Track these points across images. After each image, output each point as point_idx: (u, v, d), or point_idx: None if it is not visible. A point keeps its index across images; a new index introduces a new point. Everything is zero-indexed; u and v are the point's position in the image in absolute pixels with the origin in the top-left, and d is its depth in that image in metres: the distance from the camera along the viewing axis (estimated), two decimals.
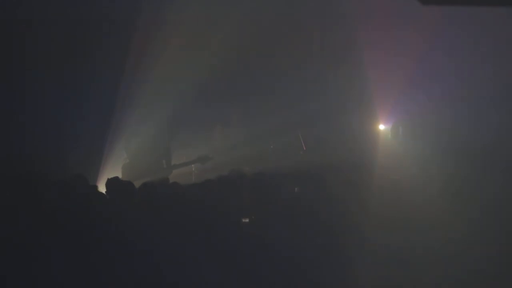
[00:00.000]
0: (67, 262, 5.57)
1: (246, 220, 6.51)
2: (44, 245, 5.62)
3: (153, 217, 6.10)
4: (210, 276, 5.71)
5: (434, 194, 6.94)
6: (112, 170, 10.66)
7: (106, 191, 6.60)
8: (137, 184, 6.82)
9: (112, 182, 6.70)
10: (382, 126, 11.59)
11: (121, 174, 10.81)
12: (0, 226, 5.73)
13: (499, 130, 9.98)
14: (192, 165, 11.15)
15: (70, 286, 5.55)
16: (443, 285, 6.13)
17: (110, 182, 6.71)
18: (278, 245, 6.04)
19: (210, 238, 5.98)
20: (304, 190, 7.01)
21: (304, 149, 11.44)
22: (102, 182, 7.85)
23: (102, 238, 6.00)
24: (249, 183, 6.86)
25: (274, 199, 6.55)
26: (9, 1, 10.43)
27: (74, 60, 10.66)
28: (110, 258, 5.78)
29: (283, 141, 11.62)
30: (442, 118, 10.61)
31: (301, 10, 11.11)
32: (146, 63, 10.89)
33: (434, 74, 10.93)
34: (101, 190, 6.79)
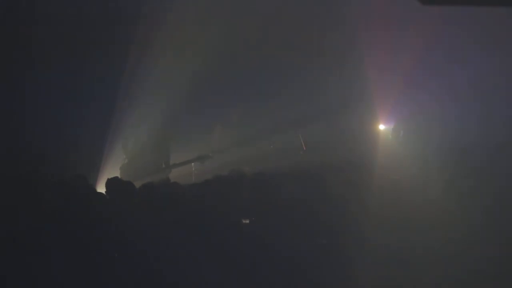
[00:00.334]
0: (67, 262, 5.56)
1: (246, 220, 6.51)
2: (44, 245, 5.62)
3: (153, 217, 6.10)
4: (210, 276, 5.70)
5: (434, 194, 6.93)
6: (112, 170, 10.67)
7: (106, 191, 6.60)
8: (137, 184, 6.82)
9: (112, 182, 6.71)
10: (382, 126, 11.60)
11: (121, 174, 10.81)
12: (0, 226, 5.73)
13: (500, 130, 9.98)
14: (192, 164, 11.14)
15: (70, 286, 5.54)
16: (443, 285, 6.13)
17: (110, 182, 6.72)
18: (278, 245, 6.03)
19: (210, 238, 5.97)
20: (304, 190, 7.00)
21: (304, 149, 11.43)
22: (102, 182, 7.85)
23: (102, 238, 6.00)
24: (249, 183, 6.86)
25: (274, 199, 6.55)
26: (9, 1, 10.43)
27: (74, 60, 10.67)
28: (110, 258, 5.79)
29: (283, 141, 11.62)
30: (442, 118, 10.61)
31: (301, 11, 11.10)
32: (146, 63, 10.90)
33: (434, 74, 10.93)
34: (101, 190, 6.79)
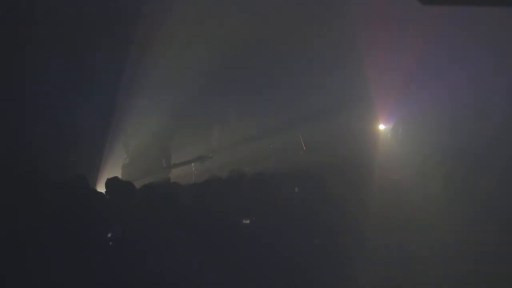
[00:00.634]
0: (67, 262, 5.56)
1: (246, 220, 6.51)
2: (44, 245, 5.62)
3: (153, 217, 6.10)
4: (210, 276, 5.70)
5: (434, 194, 6.93)
6: (112, 170, 10.66)
7: (106, 191, 6.60)
8: (137, 184, 6.82)
9: (112, 182, 6.71)
10: (382, 126, 11.60)
11: (121, 174, 10.81)
12: (0, 226, 5.72)
13: (499, 130, 9.98)
14: (192, 164, 11.15)
15: (70, 286, 5.54)
16: (443, 285, 6.13)
17: (109, 182, 6.72)
18: (278, 245, 6.03)
19: (210, 238, 5.97)
20: (304, 190, 7.00)
21: (304, 149, 11.43)
22: (102, 182, 7.85)
23: (102, 238, 6.01)
24: (249, 183, 6.86)
25: (274, 199, 6.55)
26: (9, 1, 10.43)
27: (74, 60, 10.66)
28: (110, 258, 5.79)
29: (283, 141, 11.62)
30: (442, 118, 10.62)
31: (301, 10, 11.10)
32: (146, 63, 10.90)
33: (434, 74, 10.93)
34: (101, 190, 6.79)
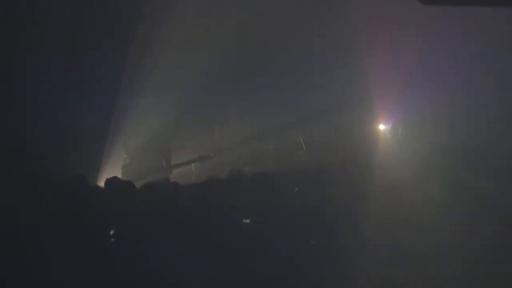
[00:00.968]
0: (67, 262, 5.56)
1: (246, 220, 6.51)
2: (44, 245, 5.62)
3: (153, 217, 6.10)
4: (210, 276, 5.70)
5: (434, 194, 6.94)
6: (112, 170, 10.65)
7: (106, 191, 6.59)
8: (137, 184, 6.82)
9: (111, 182, 6.71)
10: (382, 126, 11.59)
11: (121, 174, 10.81)
12: (0, 226, 5.72)
13: (499, 130, 9.98)
14: (192, 164, 11.14)
15: (70, 286, 5.54)
16: (443, 285, 6.13)
17: (109, 182, 6.71)
18: (278, 245, 6.03)
19: (210, 238, 5.98)
20: (304, 190, 7.00)
21: (304, 149, 11.43)
22: (102, 182, 7.84)
23: (102, 238, 6.01)
24: (249, 183, 6.86)
25: (274, 199, 6.55)
26: (9, 1, 10.43)
27: (74, 60, 10.66)
28: (110, 258, 5.78)
29: (283, 141, 11.62)
30: (441, 118, 10.62)
31: (301, 10, 11.10)
32: (146, 63, 10.89)
33: (434, 74, 10.93)
34: (101, 190, 6.79)
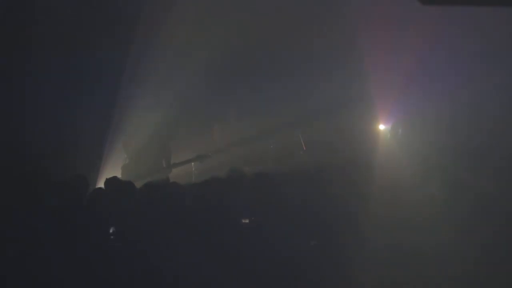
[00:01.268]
0: (67, 262, 5.56)
1: (246, 220, 6.51)
2: (44, 245, 5.62)
3: (153, 217, 6.10)
4: (210, 275, 5.70)
5: (434, 194, 6.94)
6: (112, 170, 10.64)
7: (106, 191, 6.59)
8: (137, 184, 6.82)
9: (111, 182, 6.70)
10: (382, 126, 11.59)
11: (121, 174, 10.80)
12: (0, 226, 5.73)
13: (499, 130, 9.98)
14: (192, 164, 11.13)
15: (70, 286, 5.55)
16: (443, 285, 6.13)
17: (109, 182, 6.71)
18: (278, 245, 6.04)
19: (210, 238, 5.98)
20: (304, 190, 7.00)
21: (304, 149, 11.42)
22: (102, 182, 7.84)
23: (102, 238, 6.01)
24: (249, 183, 6.86)
25: (274, 199, 6.55)
26: (9, 1, 10.43)
27: (74, 60, 10.66)
28: (110, 258, 5.79)
29: (283, 141, 11.61)
30: (442, 118, 10.61)
31: (301, 10, 11.10)
32: (146, 63, 10.89)
33: (434, 74, 10.93)
34: (101, 190, 6.79)
